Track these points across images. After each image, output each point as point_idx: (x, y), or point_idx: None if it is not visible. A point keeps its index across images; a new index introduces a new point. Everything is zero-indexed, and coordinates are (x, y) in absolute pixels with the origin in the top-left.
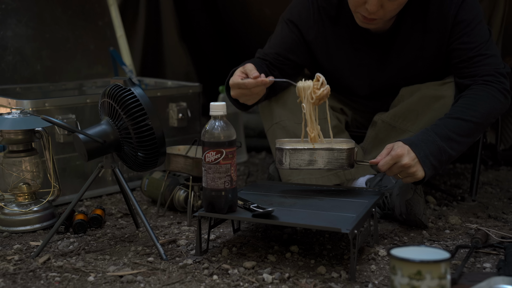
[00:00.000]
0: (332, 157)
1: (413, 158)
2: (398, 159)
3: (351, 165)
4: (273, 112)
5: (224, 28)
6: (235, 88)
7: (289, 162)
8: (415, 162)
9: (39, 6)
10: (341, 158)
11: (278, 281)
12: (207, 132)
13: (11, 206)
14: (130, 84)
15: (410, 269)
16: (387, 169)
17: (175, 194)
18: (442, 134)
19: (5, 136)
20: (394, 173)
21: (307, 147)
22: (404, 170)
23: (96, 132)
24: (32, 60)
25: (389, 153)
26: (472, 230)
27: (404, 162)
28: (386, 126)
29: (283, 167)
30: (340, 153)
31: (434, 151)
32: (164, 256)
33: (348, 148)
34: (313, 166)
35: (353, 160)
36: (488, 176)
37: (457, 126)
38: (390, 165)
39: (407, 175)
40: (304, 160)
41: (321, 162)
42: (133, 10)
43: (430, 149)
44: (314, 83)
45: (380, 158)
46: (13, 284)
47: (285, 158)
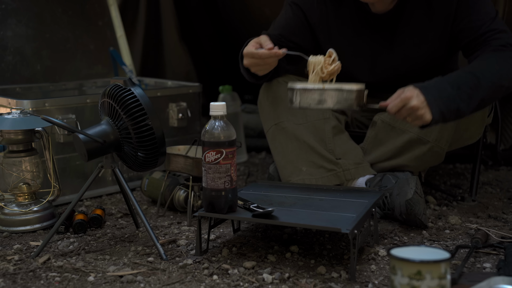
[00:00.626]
0: (342, 98)
1: (422, 100)
2: (406, 101)
3: (359, 106)
4: (273, 113)
5: (224, 28)
6: (248, 57)
7: (299, 101)
8: (424, 104)
9: (39, 6)
10: (350, 99)
11: (278, 281)
12: (207, 132)
13: (11, 206)
14: (130, 84)
15: (410, 269)
16: (396, 111)
17: (175, 194)
18: (453, 83)
19: (5, 136)
20: (403, 115)
21: (317, 87)
22: (413, 113)
23: (96, 132)
24: (32, 60)
25: (399, 96)
26: (472, 230)
27: (413, 104)
28: (386, 126)
29: (294, 106)
30: (350, 93)
31: (443, 97)
32: (164, 256)
33: (358, 89)
34: (322, 105)
35: (363, 102)
36: (488, 176)
37: (468, 79)
38: (399, 108)
39: (416, 117)
40: (314, 100)
41: (330, 102)
42: (133, 10)
43: (439, 93)
44: (326, 59)
45: (390, 101)
46: (13, 284)
47: (296, 97)
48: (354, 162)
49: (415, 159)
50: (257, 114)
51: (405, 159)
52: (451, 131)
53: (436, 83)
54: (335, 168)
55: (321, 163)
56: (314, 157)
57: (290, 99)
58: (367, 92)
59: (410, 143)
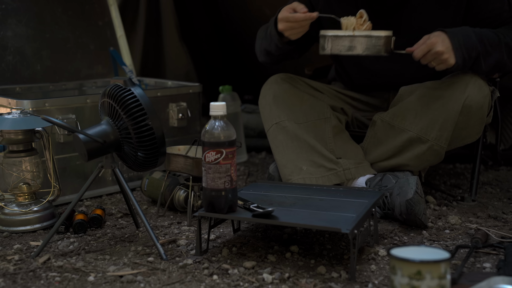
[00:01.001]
0: (370, 44)
1: (447, 46)
2: (432, 46)
3: (387, 52)
4: (273, 112)
5: (224, 28)
6: (283, 21)
7: (330, 48)
8: (449, 49)
9: (39, 6)
10: (379, 45)
11: (278, 281)
12: (207, 132)
13: (11, 206)
14: (130, 84)
15: (410, 269)
16: (421, 56)
17: (175, 194)
18: (478, 34)
19: (5, 136)
20: (428, 60)
21: (348, 34)
22: (438, 57)
23: (96, 132)
24: (32, 60)
25: (425, 42)
26: (472, 230)
27: (438, 49)
28: (385, 125)
29: (325, 52)
30: (378, 39)
31: (467, 44)
32: (164, 256)
33: (386, 35)
34: (352, 52)
35: (390, 48)
36: (488, 176)
37: (491, 37)
38: (425, 52)
39: (440, 61)
40: (344, 46)
41: (359, 48)
42: (133, 10)
43: (464, 40)
44: (357, 19)
45: (416, 46)
46: (13, 284)
47: (327, 43)
48: (354, 161)
49: (415, 158)
50: (257, 114)
51: (405, 158)
52: (451, 130)
53: (462, 30)
54: (336, 168)
55: (321, 162)
56: (314, 156)
57: (321, 45)
58: (394, 38)
59: (409, 142)
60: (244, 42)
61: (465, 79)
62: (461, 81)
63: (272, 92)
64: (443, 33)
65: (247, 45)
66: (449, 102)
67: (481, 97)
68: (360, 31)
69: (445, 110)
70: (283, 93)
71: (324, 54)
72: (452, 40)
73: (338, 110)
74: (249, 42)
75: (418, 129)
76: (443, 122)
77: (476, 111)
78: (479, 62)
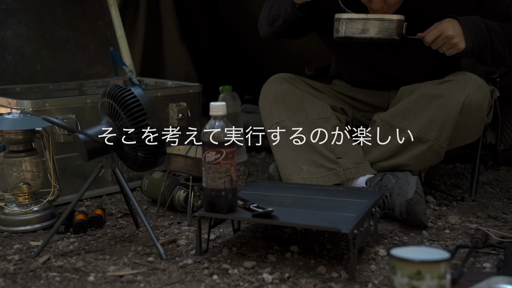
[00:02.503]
0: (383, 27)
1: (458, 30)
2: (443, 30)
3: (399, 35)
4: (273, 112)
5: (224, 28)
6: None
7: (344, 30)
8: (459, 34)
9: (39, 6)
10: (391, 28)
11: (278, 281)
12: (207, 132)
13: (11, 206)
14: (130, 84)
15: (410, 269)
16: (432, 40)
17: (175, 194)
18: (487, 24)
19: (5, 136)
20: (439, 45)
21: (361, 17)
22: (448, 42)
23: (96, 132)
24: (32, 60)
25: (436, 27)
26: (472, 230)
27: (449, 33)
28: (385, 125)
29: (339, 35)
30: (390, 23)
31: (477, 31)
32: (164, 256)
33: (398, 19)
34: (365, 34)
35: (402, 32)
36: (488, 176)
37: (497, 29)
38: (436, 37)
39: (451, 46)
40: (358, 29)
41: (372, 31)
42: (133, 10)
43: (474, 27)
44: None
45: (428, 31)
46: (13, 284)
47: (341, 26)
48: (354, 161)
49: (414, 158)
50: (257, 114)
51: (404, 158)
52: (451, 129)
53: (472, 18)
54: (336, 167)
55: (321, 162)
56: (314, 156)
57: (336, 28)
58: (406, 24)
59: (409, 141)
60: (244, 42)
61: (464, 78)
62: (461, 81)
63: (272, 92)
64: (454, 19)
65: (247, 45)
66: (448, 102)
67: (481, 97)
68: (373, 14)
69: (445, 109)
70: (283, 93)
71: (338, 37)
72: (463, 25)
73: (338, 110)
74: (249, 42)
75: (418, 128)
76: (443, 121)
77: (476, 110)
78: (486, 51)
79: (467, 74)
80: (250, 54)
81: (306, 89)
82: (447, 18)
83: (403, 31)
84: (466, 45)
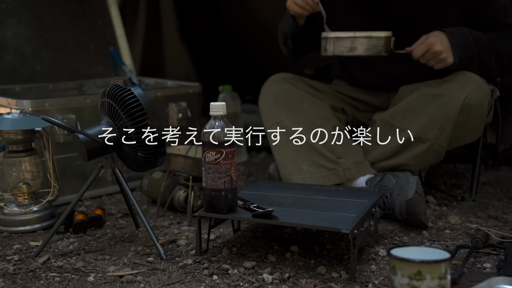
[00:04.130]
0: (371, 44)
1: (446, 45)
2: (431, 46)
3: (388, 52)
4: (273, 112)
5: (224, 28)
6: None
7: (332, 49)
8: (447, 48)
9: (39, 6)
10: (379, 45)
11: (278, 281)
12: (207, 132)
13: (11, 206)
14: (130, 84)
15: (410, 269)
16: (421, 55)
17: (175, 194)
18: (474, 35)
19: (5, 136)
20: (427, 59)
21: (349, 36)
22: (436, 56)
23: (96, 132)
24: (32, 60)
25: (424, 41)
26: (472, 230)
27: (436, 48)
28: (385, 125)
29: (327, 53)
30: (378, 40)
31: (464, 43)
32: (164, 256)
33: (386, 36)
34: (353, 52)
35: (390, 48)
36: (488, 176)
37: (484, 40)
38: (424, 52)
39: (439, 60)
40: (346, 47)
41: (360, 48)
42: (133, 10)
43: (462, 40)
44: None
45: (416, 46)
46: (13, 284)
47: (329, 45)
48: (354, 161)
49: (415, 158)
50: (257, 114)
51: (405, 157)
52: (451, 129)
53: (460, 30)
54: (336, 167)
55: (321, 162)
56: (314, 156)
57: (323, 47)
58: (394, 39)
59: (409, 141)
60: (244, 42)
61: (465, 78)
62: (461, 80)
63: (272, 92)
64: (442, 32)
65: (247, 45)
66: (449, 101)
67: (481, 96)
68: (360, 32)
69: (445, 109)
70: (283, 93)
71: (326, 55)
72: (451, 39)
73: (338, 110)
74: (249, 42)
75: (418, 128)
76: (443, 121)
77: (476, 110)
78: (473, 63)
79: (467, 74)
80: (250, 54)
81: (306, 89)
82: (435, 32)
83: (391, 47)
84: (454, 59)
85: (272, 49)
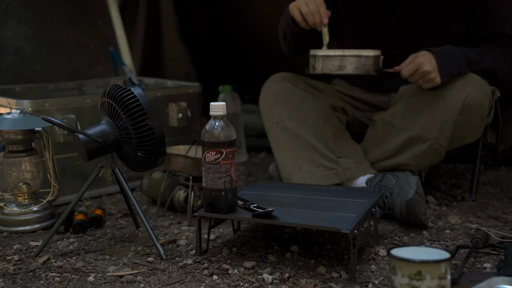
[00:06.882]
0: (360, 63)
1: (434, 66)
2: (419, 66)
3: (377, 71)
4: (274, 112)
5: (224, 28)
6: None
7: (321, 68)
8: (435, 68)
9: (39, 6)
10: (368, 64)
11: (278, 281)
12: (207, 132)
13: (11, 206)
14: (130, 84)
15: (410, 269)
16: (409, 75)
17: (175, 194)
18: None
19: (5, 136)
20: (415, 79)
21: (338, 54)
22: (425, 76)
23: (96, 132)
24: (32, 60)
25: (412, 61)
26: (472, 230)
27: (425, 69)
28: (386, 125)
29: (316, 72)
30: (367, 59)
31: (452, 62)
32: (164, 256)
33: (375, 55)
34: (342, 71)
35: (379, 67)
36: (488, 176)
37: (474, 56)
38: (412, 71)
39: (427, 80)
40: (335, 66)
41: (349, 67)
42: (133, 10)
43: (449, 59)
44: None
45: (404, 65)
46: (13, 284)
47: (318, 63)
48: (354, 161)
49: (415, 158)
50: (257, 114)
51: (405, 157)
52: (451, 129)
53: (447, 49)
54: (336, 167)
55: (321, 161)
56: (314, 155)
57: (312, 65)
58: (383, 58)
59: (409, 141)
60: (244, 42)
61: (465, 78)
62: (462, 80)
63: (272, 92)
64: (429, 52)
65: (247, 45)
66: (449, 101)
67: (482, 97)
68: (350, 50)
69: (445, 109)
70: (283, 92)
71: (314, 73)
72: (438, 59)
73: (339, 110)
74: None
75: (418, 128)
76: (443, 121)
77: (476, 110)
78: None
79: (468, 74)
80: (250, 53)
81: (307, 89)
82: (423, 51)
83: (380, 65)
84: (442, 79)
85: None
